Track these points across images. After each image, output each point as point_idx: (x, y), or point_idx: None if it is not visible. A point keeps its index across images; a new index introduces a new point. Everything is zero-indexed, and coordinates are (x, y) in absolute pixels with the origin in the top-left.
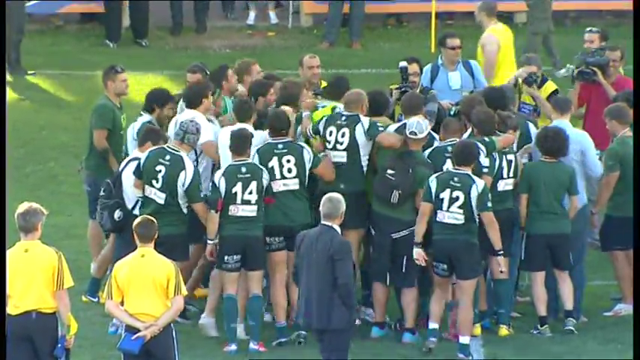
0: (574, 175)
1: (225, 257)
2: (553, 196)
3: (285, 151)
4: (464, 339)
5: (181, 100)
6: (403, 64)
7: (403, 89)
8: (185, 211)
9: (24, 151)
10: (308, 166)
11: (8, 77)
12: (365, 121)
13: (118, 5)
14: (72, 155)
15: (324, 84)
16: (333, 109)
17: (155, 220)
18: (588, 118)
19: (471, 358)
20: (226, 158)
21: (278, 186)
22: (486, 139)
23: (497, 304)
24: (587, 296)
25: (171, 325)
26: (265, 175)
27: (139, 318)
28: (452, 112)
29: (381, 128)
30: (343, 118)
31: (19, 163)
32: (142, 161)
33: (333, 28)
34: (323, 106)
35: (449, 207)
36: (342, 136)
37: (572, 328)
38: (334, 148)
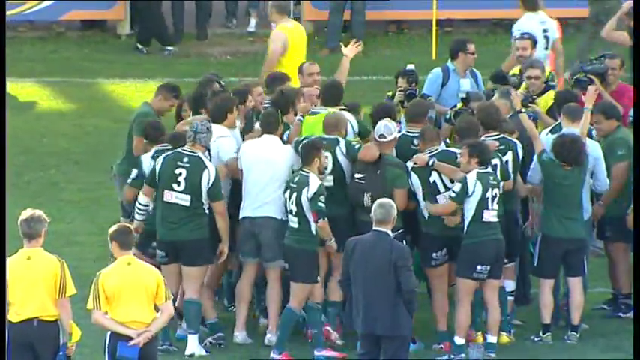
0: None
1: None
2: (571, 202)
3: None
4: (492, 338)
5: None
6: (411, 66)
7: (409, 92)
8: (207, 212)
9: (24, 158)
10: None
11: (9, 84)
12: (342, 142)
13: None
14: (72, 162)
15: None
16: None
17: (131, 228)
18: None
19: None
20: (249, 171)
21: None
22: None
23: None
24: (588, 303)
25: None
26: (305, 192)
27: (129, 326)
28: (447, 117)
29: (357, 146)
30: (324, 142)
31: (20, 170)
32: (156, 167)
33: (334, 34)
34: (318, 112)
35: (492, 205)
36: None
37: (573, 342)
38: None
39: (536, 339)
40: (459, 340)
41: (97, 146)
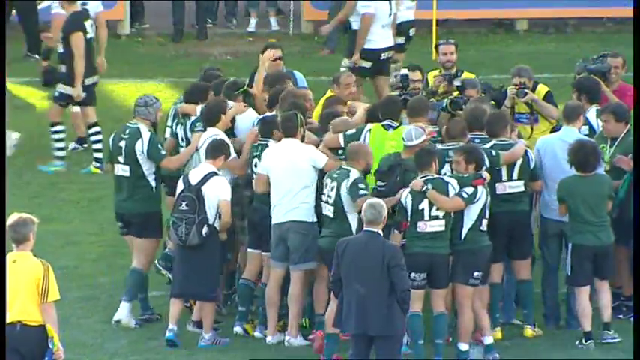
0: (611, 184)
1: (412, 274)
2: (593, 210)
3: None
4: (489, 339)
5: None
6: (404, 71)
7: (403, 97)
8: (154, 184)
9: (24, 158)
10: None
11: (9, 85)
12: (353, 175)
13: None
14: (72, 162)
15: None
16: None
17: (28, 221)
18: None
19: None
20: (275, 179)
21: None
22: (493, 152)
23: (521, 305)
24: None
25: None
26: (451, 188)
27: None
28: (444, 105)
29: (362, 192)
30: (338, 171)
31: (20, 170)
32: (110, 144)
33: (334, 35)
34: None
35: (487, 213)
36: (332, 190)
37: (611, 341)
38: (326, 202)
39: (579, 346)
40: (464, 347)
41: None
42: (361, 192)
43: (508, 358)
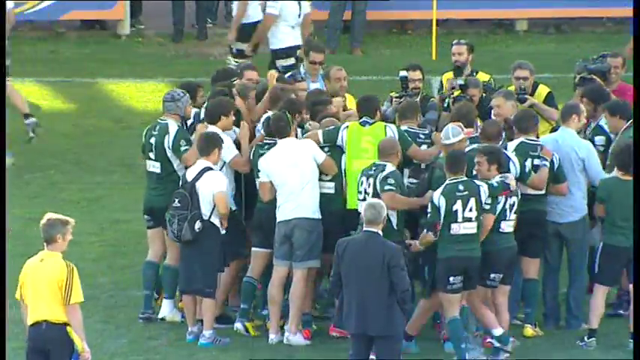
0: None
1: (451, 278)
2: (627, 214)
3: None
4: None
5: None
6: (403, 73)
7: (403, 97)
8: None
9: (24, 158)
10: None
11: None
12: (387, 169)
13: None
14: (72, 162)
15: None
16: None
17: (56, 222)
18: None
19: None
20: (279, 182)
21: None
22: (527, 169)
23: (525, 303)
24: (589, 303)
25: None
26: (483, 192)
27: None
28: (446, 105)
29: (387, 187)
30: (374, 167)
31: (19, 170)
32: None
33: (334, 34)
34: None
35: (510, 215)
36: (369, 186)
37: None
38: (364, 199)
39: (581, 343)
40: (498, 332)
41: (97, 146)
42: (387, 187)
43: (508, 358)
